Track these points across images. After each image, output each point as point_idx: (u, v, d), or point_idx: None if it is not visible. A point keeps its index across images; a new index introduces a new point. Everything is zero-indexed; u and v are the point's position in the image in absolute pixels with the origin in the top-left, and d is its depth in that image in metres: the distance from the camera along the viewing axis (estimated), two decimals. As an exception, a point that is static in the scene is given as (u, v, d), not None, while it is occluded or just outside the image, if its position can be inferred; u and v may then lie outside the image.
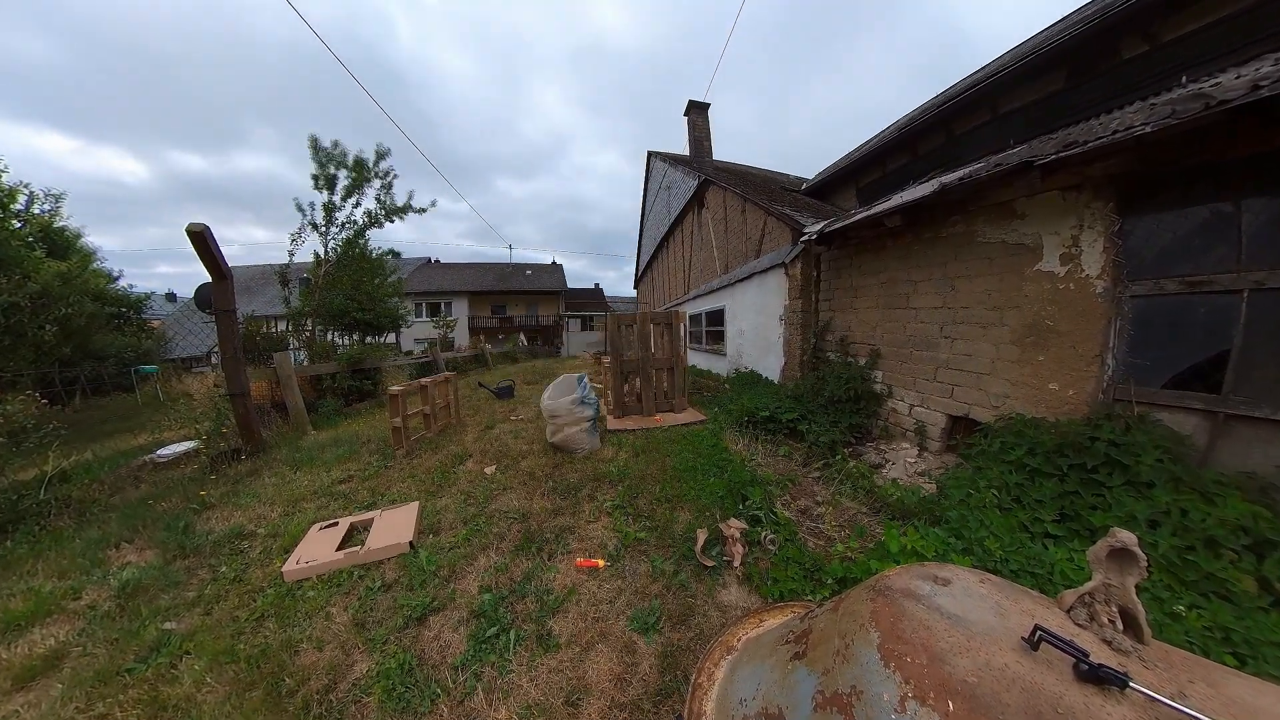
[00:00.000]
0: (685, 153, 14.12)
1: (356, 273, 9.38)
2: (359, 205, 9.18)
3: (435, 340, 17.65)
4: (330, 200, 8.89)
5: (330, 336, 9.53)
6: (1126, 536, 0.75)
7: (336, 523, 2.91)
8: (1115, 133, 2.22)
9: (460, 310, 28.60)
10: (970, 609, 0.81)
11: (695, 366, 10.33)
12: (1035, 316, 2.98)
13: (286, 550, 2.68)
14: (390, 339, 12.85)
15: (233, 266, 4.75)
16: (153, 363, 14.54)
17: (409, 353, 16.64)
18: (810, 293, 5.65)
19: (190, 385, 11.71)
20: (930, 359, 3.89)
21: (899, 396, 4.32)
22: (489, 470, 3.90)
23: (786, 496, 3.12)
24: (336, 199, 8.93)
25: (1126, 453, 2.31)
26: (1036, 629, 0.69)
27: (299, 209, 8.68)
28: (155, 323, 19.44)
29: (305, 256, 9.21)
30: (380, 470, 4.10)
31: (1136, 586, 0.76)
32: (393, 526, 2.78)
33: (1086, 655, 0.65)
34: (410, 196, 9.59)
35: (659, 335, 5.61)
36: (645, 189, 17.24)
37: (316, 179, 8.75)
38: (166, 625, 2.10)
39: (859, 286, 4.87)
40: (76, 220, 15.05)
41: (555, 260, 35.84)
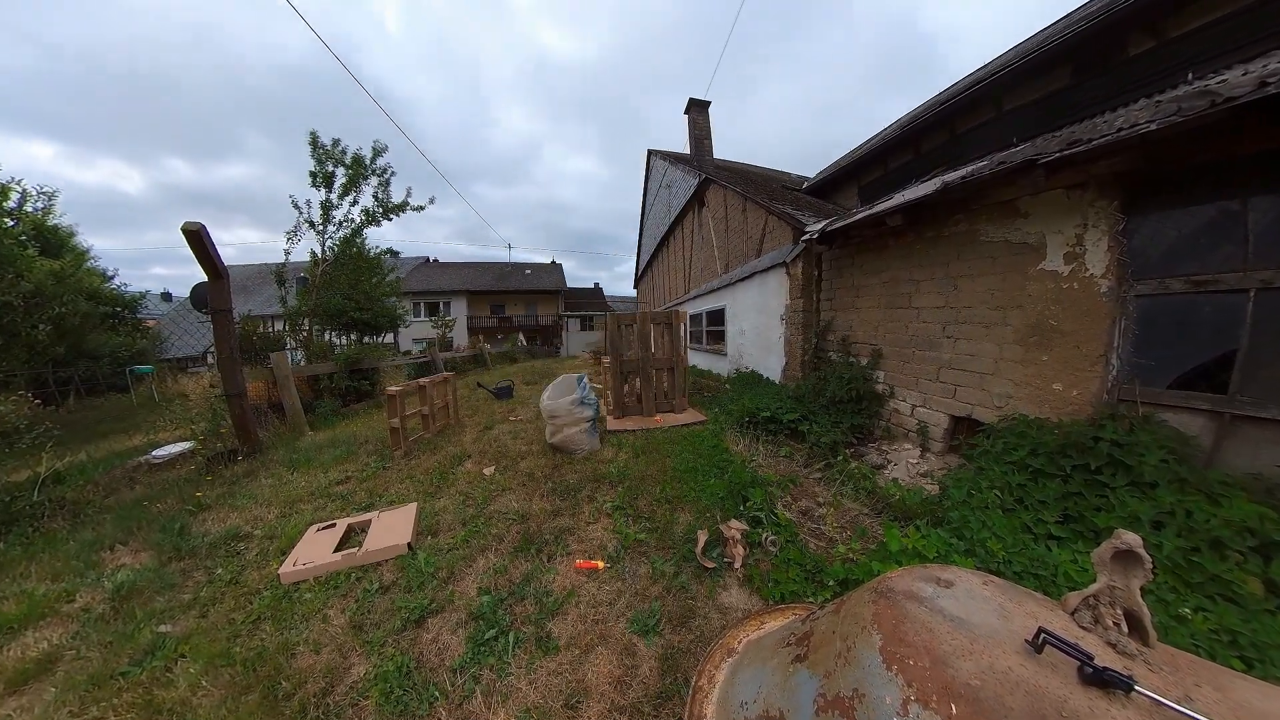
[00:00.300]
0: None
1: (354, 272, 9.37)
2: (356, 203, 9.17)
3: (434, 340, 17.64)
4: (328, 198, 8.88)
5: (327, 336, 9.52)
6: (1131, 538, 0.75)
7: (334, 524, 2.91)
8: (1120, 130, 2.22)
9: (459, 310, 28.61)
10: (973, 611, 0.81)
11: (696, 366, 10.33)
12: (1039, 316, 2.98)
13: (283, 552, 2.68)
14: (388, 339, 12.84)
15: (229, 266, 4.75)
16: (148, 363, 14.51)
17: (407, 353, 16.63)
18: (811, 292, 5.65)
19: (186, 385, 11.72)
20: (933, 359, 3.89)
21: (901, 397, 4.32)
22: (488, 471, 3.90)
23: (787, 497, 3.11)
24: (334, 197, 8.92)
25: (1130, 453, 2.31)
26: (1040, 632, 0.69)
27: (295, 207, 8.67)
28: (150, 322, 19.42)
29: (302, 256, 9.21)
30: (378, 471, 4.10)
31: (1141, 589, 0.76)
32: (391, 528, 2.78)
33: (1091, 658, 0.65)
34: (408, 194, 9.58)
35: (659, 335, 5.61)
36: (645, 188, 17.23)
37: (314, 176, 8.74)
38: (161, 628, 2.10)
39: (861, 286, 4.87)
40: (71, 223, 14.98)
41: (554, 260, 35.84)
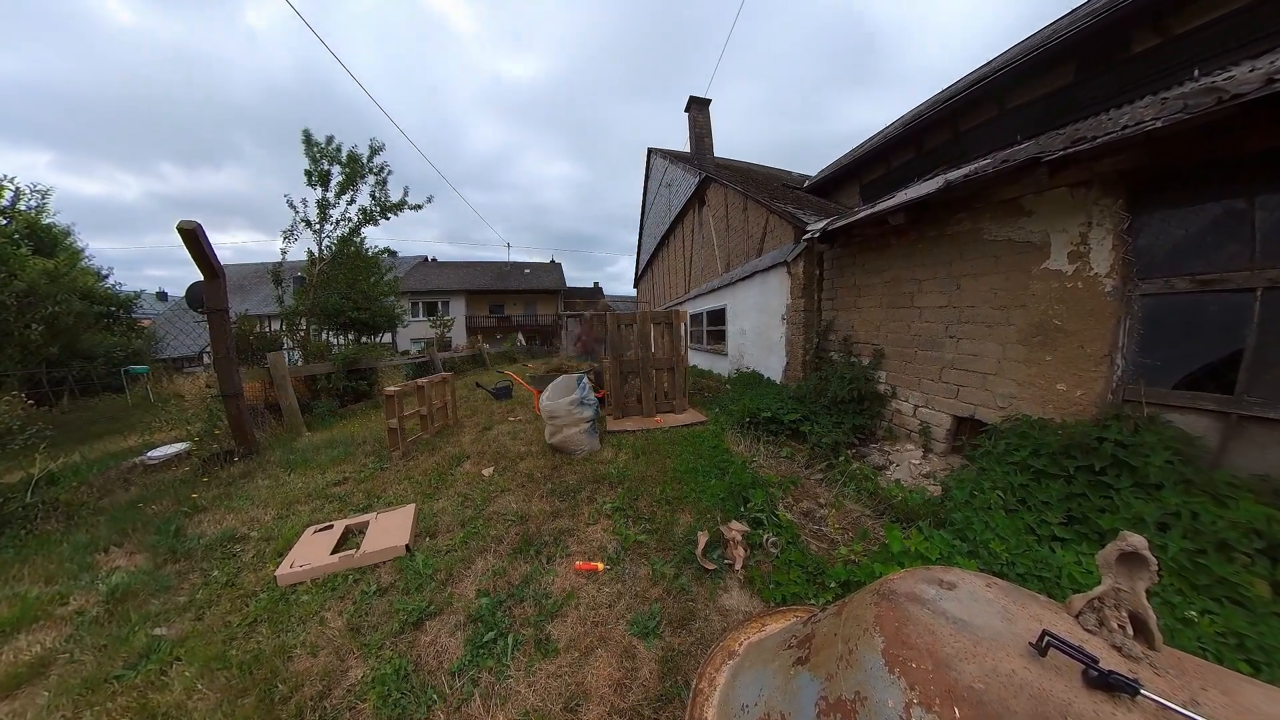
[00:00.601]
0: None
1: (351, 271, 9.37)
2: (353, 202, 9.18)
3: (432, 340, 17.65)
4: (324, 197, 8.88)
5: (325, 336, 9.52)
6: (1136, 540, 0.75)
7: (331, 526, 2.91)
8: (1125, 128, 2.22)
9: (457, 309, 28.62)
10: (976, 613, 0.81)
11: (696, 366, 10.33)
12: (1042, 316, 2.97)
13: (280, 554, 2.68)
14: (386, 339, 12.84)
15: (225, 265, 4.75)
16: (143, 363, 14.50)
17: (405, 353, 16.64)
18: (813, 292, 5.65)
19: (182, 386, 11.70)
20: (935, 359, 3.89)
21: (903, 397, 4.32)
22: (487, 472, 3.90)
23: (789, 498, 3.11)
24: (330, 195, 8.93)
25: (1135, 454, 2.31)
26: (1044, 634, 0.69)
27: (291, 206, 8.67)
28: (145, 322, 19.42)
29: (299, 255, 9.20)
30: (376, 472, 4.10)
31: (1147, 591, 0.76)
32: (389, 529, 2.78)
33: (1096, 661, 0.65)
34: (405, 192, 9.58)
35: (659, 335, 5.61)
36: (645, 186, 17.22)
37: (310, 175, 8.74)
38: (156, 631, 2.10)
39: (862, 285, 4.87)
40: (65, 223, 14.96)
41: (553, 259, 35.82)
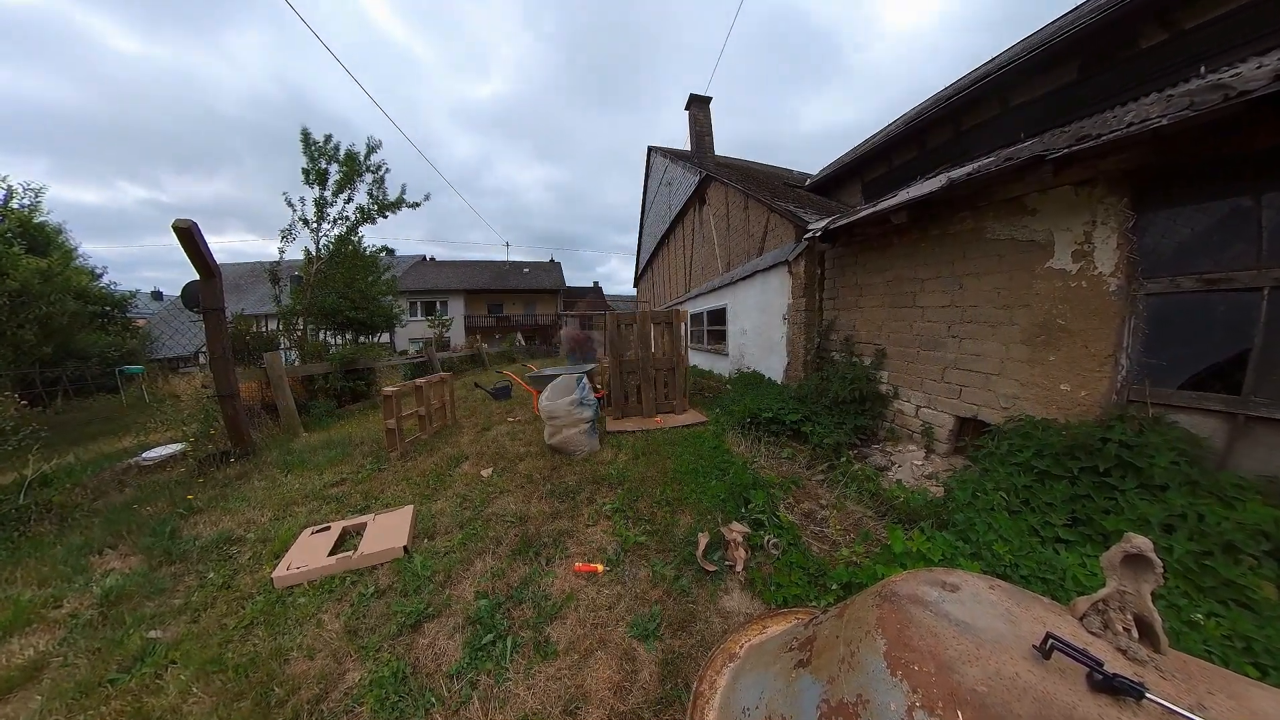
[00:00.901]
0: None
1: (349, 270, 9.36)
2: (351, 200, 9.17)
3: (430, 340, 17.66)
4: (321, 195, 8.88)
5: (322, 336, 9.51)
6: (1141, 542, 0.75)
7: (329, 527, 2.91)
8: (1130, 126, 2.22)
9: (456, 309, 28.62)
10: (979, 616, 0.81)
11: (696, 367, 10.33)
12: (1046, 315, 2.97)
13: (277, 556, 2.68)
14: (384, 339, 12.84)
15: (221, 264, 4.74)
16: (138, 363, 14.49)
17: (403, 353, 16.64)
18: (814, 291, 5.65)
19: (177, 386, 11.73)
20: (937, 359, 3.89)
21: (905, 397, 4.32)
22: (485, 473, 3.90)
23: (790, 499, 3.11)
24: (328, 194, 8.92)
25: (1140, 455, 2.31)
26: (1048, 637, 0.69)
27: (288, 204, 8.67)
28: (140, 321, 19.43)
29: (296, 254, 9.20)
30: (374, 473, 4.10)
31: (1152, 593, 0.75)
32: (386, 531, 2.78)
33: (1101, 664, 0.65)
34: (403, 191, 9.58)
35: (659, 335, 5.61)
36: (645, 185, 17.22)
37: (307, 173, 8.74)
38: (151, 634, 2.09)
39: (864, 285, 4.87)
40: (58, 221, 14.94)
41: (553, 259, 35.84)
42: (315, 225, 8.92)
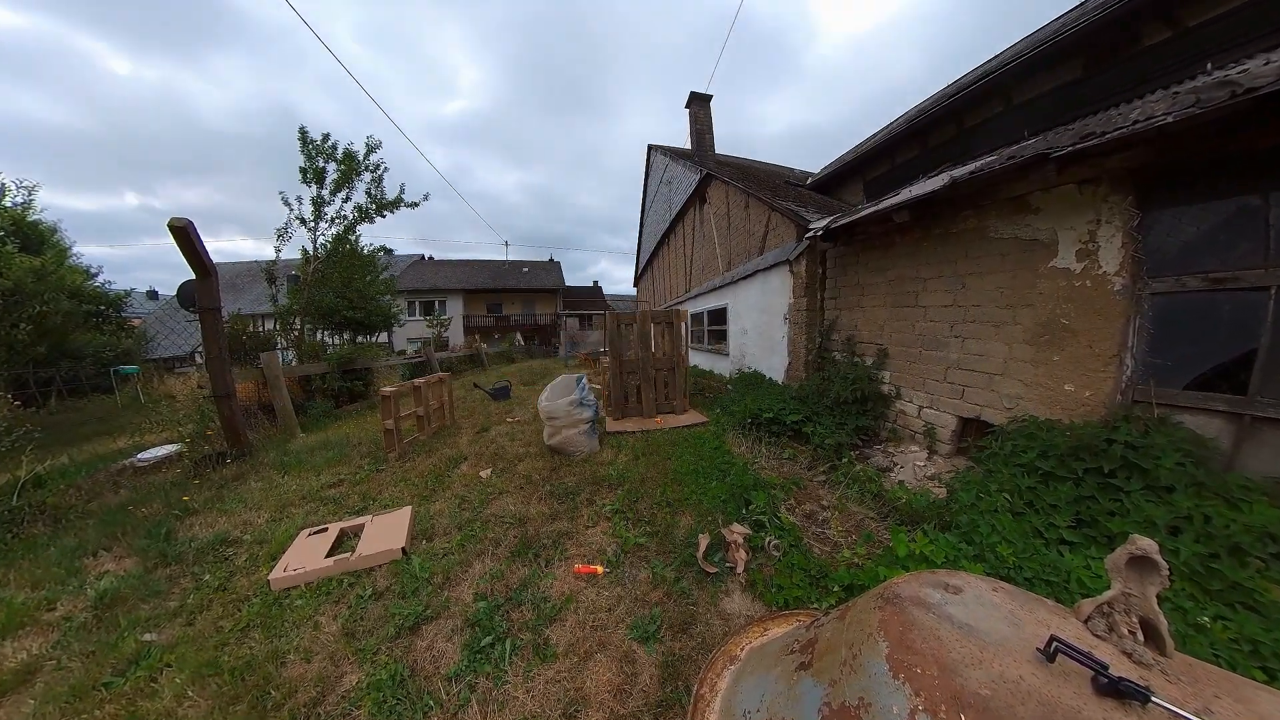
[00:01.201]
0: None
1: (347, 269, 9.36)
2: (349, 200, 9.18)
3: (429, 340, 17.65)
4: (319, 194, 8.88)
5: (319, 336, 9.52)
6: (1147, 544, 0.74)
7: (326, 528, 2.91)
8: (1135, 123, 2.22)
9: (455, 309, 28.60)
10: (983, 618, 0.81)
11: (697, 367, 10.33)
12: (1050, 315, 2.97)
13: (273, 557, 2.67)
14: (382, 338, 12.85)
15: (218, 263, 4.75)
16: (133, 363, 14.51)
17: (401, 352, 16.65)
18: (815, 291, 5.65)
19: (173, 386, 11.70)
20: (940, 359, 3.89)
21: (907, 398, 4.32)
22: (484, 474, 3.90)
23: (791, 501, 3.11)
24: (325, 193, 8.93)
25: (1145, 456, 2.30)
26: (1052, 640, 0.69)
27: (285, 203, 8.67)
28: (136, 321, 19.41)
29: (293, 253, 9.20)
30: (372, 474, 4.10)
31: (1158, 596, 0.75)
32: (384, 532, 2.78)
33: (1106, 668, 0.65)
34: (401, 190, 9.58)
35: (659, 335, 5.61)
36: (645, 184, 17.23)
37: (304, 172, 8.74)
38: (146, 637, 2.09)
39: (866, 284, 4.87)
40: (52, 220, 14.93)
41: (552, 258, 35.85)
42: (312, 224, 8.92)
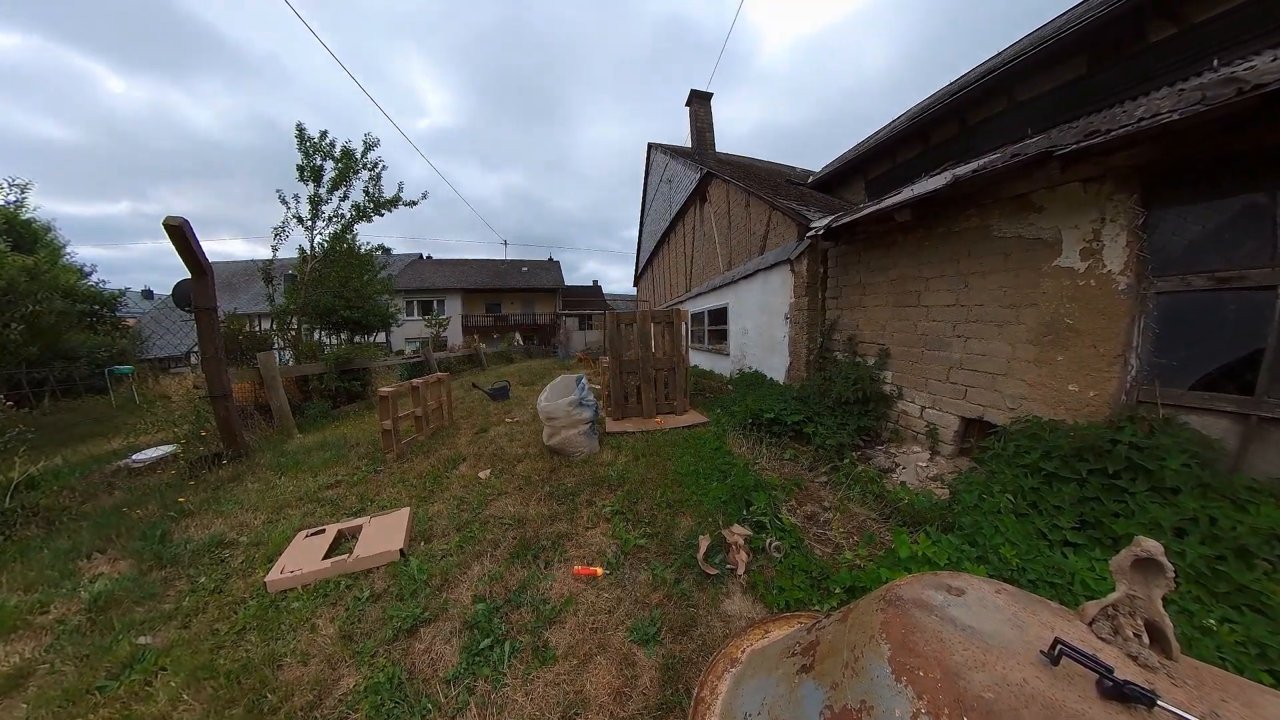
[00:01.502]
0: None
1: (344, 269, 9.35)
2: (346, 198, 9.17)
3: (427, 339, 17.65)
4: (316, 193, 8.87)
5: (317, 335, 9.51)
6: (1152, 545, 0.74)
7: (323, 530, 2.91)
8: (1140, 120, 2.21)
9: (453, 308, 28.58)
10: (986, 621, 0.80)
11: (697, 367, 10.33)
12: (1053, 314, 2.97)
13: (270, 559, 2.67)
14: (380, 338, 12.83)
15: (214, 263, 4.74)
16: (128, 363, 14.48)
17: (400, 352, 16.65)
18: (817, 290, 5.65)
19: (168, 386, 11.72)
20: (942, 359, 3.89)
21: (909, 398, 4.32)
22: (483, 475, 3.90)
23: (792, 502, 3.11)
24: (323, 191, 8.92)
25: (1150, 457, 2.30)
26: (1057, 642, 0.69)
27: (282, 201, 8.66)
28: (130, 321, 19.40)
29: (290, 252, 9.18)
30: (369, 475, 4.09)
31: (1163, 598, 0.75)
32: (382, 534, 2.78)
33: (1111, 671, 0.65)
34: (400, 188, 9.57)
35: (659, 335, 5.61)
36: (645, 182, 17.23)
37: (302, 170, 8.73)
38: (141, 640, 2.09)
39: (868, 284, 4.87)
40: (46, 218, 14.86)
41: (551, 257, 35.85)
42: (310, 223, 8.91)
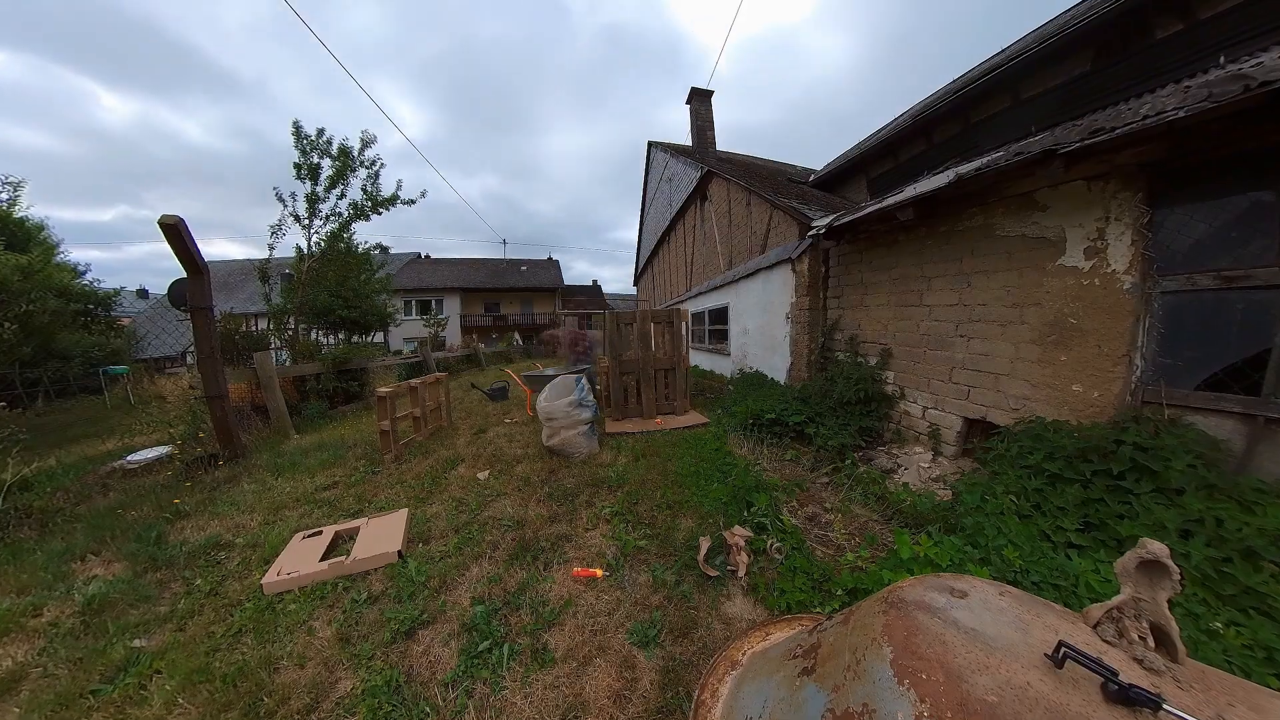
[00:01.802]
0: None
1: (342, 268, 9.34)
2: (344, 196, 9.16)
3: (425, 339, 17.65)
4: (313, 191, 8.87)
5: (314, 335, 9.50)
6: (1157, 547, 0.74)
7: (320, 532, 2.91)
8: (1146, 118, 2.21)
9: (452, 308, 28.61)
10: (989, 623, 0.80)
11: (697, 367, 10.33)
12: (1057, 314, 2.97)
13: (266, 561, 2.67)
14: (378, 338, 12.84)
15: (210, 262, 4.74)
16: (123, 363, 14.44)
17: (398, 352, 16.64)
18: (818, 290, 5.65)
19: (163, 387, 11.72)
20: (945, 359, 3.89)
21: (912, 398, 4.31)
22: (482, 475, 3.90)
23: (793, 503, 3.11)
24: (320, 190, 8.91)
25: (1155, 458, 2.30)
26: (1061, 645, 0.69)
27: (279, 199, 8.66)
28: (125, 320, 19.38)
29: (287, 251, 9.18)
30: (367, 476, 4.10)
31: (1169, 601, 0.75)
32: (380, 535, 2.78)
33: (1116, 674, 0.64)
34: (398, 186, 9.57)
35: (660, 334, 5.61)
36: (645, 181, 17.23)
37: (298, 168, 8.72)
38: (136, 643, 2.09)
39: (870, 283, 4.87)
40: (40, 216, 14.83)
41: (550, 256, 35.85)
42: (307, 221, 8.91)
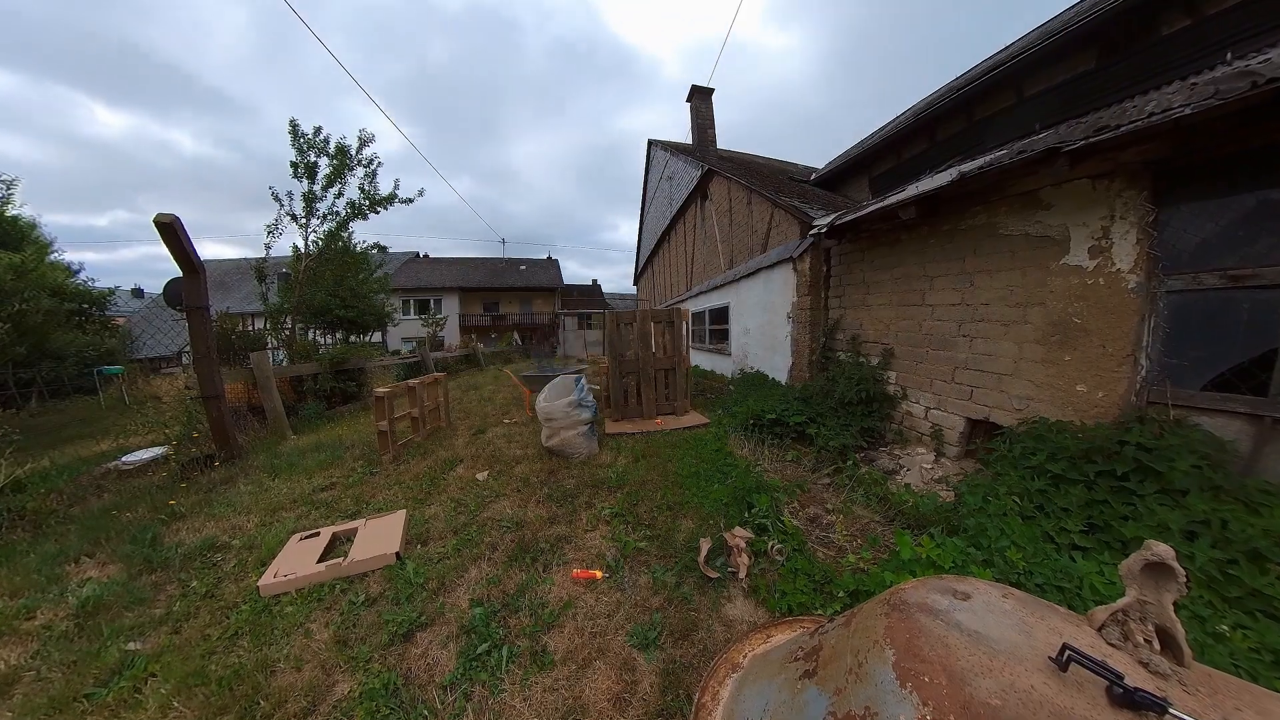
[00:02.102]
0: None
1: (339, 267, 9.35)
2: (341, 195, 9.16)
3: (424, 339, 17.66)
4: (310, 190, 8.87)
5: (311, 335, 9.51)
6: (1162, 549, 0.74)
7: (318, 533, 2.91)
8: (1151, 115, 2.21)
9: (450, 308, 28.61)
10: (993, 626, 0.80)
11: (698, 367, 10.33)
12: (1061, 314, 2.97)
13: (263, 563, 2.67)
14: (376, 338, 12.85)
15: (206, 261, 4.74)
16: (117, 363, 14.47)
17: (396, 352, 16.66)
18: (820, 289, 5.65)
19: (159, 387, 11.70)
20: (948, 359, 3.89)
21: (914, 399, 4.31)
22: (481, 476, 3.90)
23: (795, 504, 3.11)
24: (317, 188, 8.92)
25: (1160, 459, 2.30)
26: (1065, 648, 0.68)
27: (276, 199, 8.66)
28: (120, 320, 19.40)
29: (284, 250, 9.18)
30: (365, 477, 4.09)
31: (1174, 603, 0.75)
32: (378, 536, 2.78)
33: (1121, 677, 0.64)
34: (396, 185, 9.57)
35: (660, 334, 5.61)
36: (645, 180, 17.23)
37: (295, 166, 8.72)
38: (130, 645, 2.09)
39: (871, 282, 4.87)
40: (33, 215, 14.81)
41: (550, 255, 35.87)
42: (304, 220, 8.91)
